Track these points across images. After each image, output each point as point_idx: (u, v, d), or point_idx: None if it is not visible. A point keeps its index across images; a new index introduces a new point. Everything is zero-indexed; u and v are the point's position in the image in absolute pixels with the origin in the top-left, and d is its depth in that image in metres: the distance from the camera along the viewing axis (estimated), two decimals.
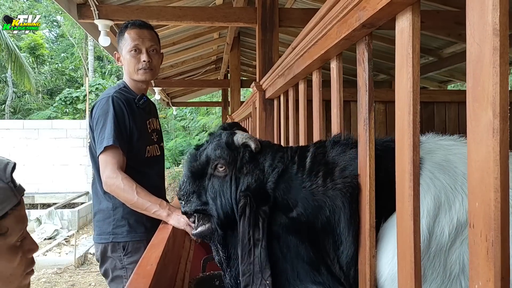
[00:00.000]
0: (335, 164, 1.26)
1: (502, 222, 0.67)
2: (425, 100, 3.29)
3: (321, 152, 1.30)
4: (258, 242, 1.22)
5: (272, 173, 1.28)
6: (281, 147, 1.39)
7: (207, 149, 1.38)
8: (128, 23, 2.27)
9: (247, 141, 1.34)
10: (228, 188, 1.32)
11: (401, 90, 0.98)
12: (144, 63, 2.22)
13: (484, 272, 0.70)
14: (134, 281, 1.06)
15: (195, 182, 1.40)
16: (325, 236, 1.23)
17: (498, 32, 0.67)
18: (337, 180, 1.22)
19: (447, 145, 1.24)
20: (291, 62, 1.92)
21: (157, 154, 2.35)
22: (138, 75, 2.25)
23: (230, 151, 1.34)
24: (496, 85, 0.67)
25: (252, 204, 1.24)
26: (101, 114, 2.10)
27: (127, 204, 2.04)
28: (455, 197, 1.09)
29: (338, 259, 1.23)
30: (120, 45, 2.26)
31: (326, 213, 1.21)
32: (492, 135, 0.67)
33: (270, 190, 1.26)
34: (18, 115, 23.02)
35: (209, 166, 1.37)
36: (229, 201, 1.32)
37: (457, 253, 1.04)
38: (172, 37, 6.48)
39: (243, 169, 1.32)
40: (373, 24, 1.11)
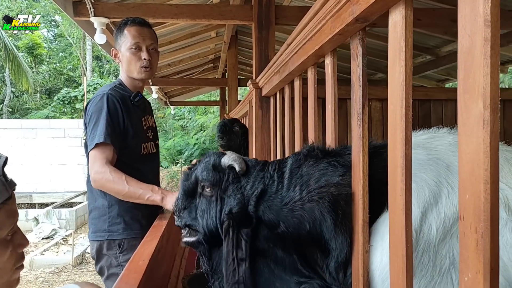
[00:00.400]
0: (310, 176, 1.27)
1: (492, 214, 0.67)
2: (421, 98, 3.30)
3: (296, 166, 1.32)
4: (242, 262, 1.25)
5: (252, 195, 1.31)
6: (264, 166, 1.41)
7: (197, 170, 1.43)
8: (128, 20, 2.26)
9: (233, 164, 1.37)
10: (214, 208, 1.37)
11: (393, 84, 0.98)
12: (144, 61, 2.22)
13: (473, 264, 0.69)
14: (125, 276, 1.05)
15: (187, 199, 1.46)
16: (311, 248, 1.25)
17: (490, 23, 0.66)
18: (313, 192, 1.23)
19: (424, 140, 1.25)
20: (287, 59, 1.92)
21: (153, 152, 2.35)
22: (138, 73, 2.24)
23: (216, 173, 1.39)
24: (487, 76, 0.66)
25: (235, 227, 1.27)
26: (94, 111, 2.09)
27: (119, 195, 2.03)
28: (440, 191, 1.08)
29: (328, 266, 1.24)
30: (119, 41, 2.25)
31: (306, 227, 1.22)
32: (483, 126, 0.67)
33: (251, 212, 1.29)
34: (16, 114, 22.98)
35: (198, 186, 1.42)
36: (214, 221, 1.36)
37: (447, 247, 1.04)
38: (169, 36, 6.46)
39: (227, 190, 1.36)
40: (366, 19, 1.10)
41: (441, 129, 1.30)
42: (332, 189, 1.22)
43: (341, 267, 1.22)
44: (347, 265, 1.23)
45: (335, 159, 1.28)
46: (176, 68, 8.95)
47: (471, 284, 0.71)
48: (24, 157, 12.92)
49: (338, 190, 1.21)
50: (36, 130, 13.17)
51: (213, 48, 8.42)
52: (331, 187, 1.22)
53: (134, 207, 2.16)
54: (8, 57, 16.23)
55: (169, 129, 22.39)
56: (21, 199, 12.21)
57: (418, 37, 5.78)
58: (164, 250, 1.67)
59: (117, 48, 2.27)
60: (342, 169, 1.25)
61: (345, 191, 1.21)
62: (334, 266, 1.23)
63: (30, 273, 7.23)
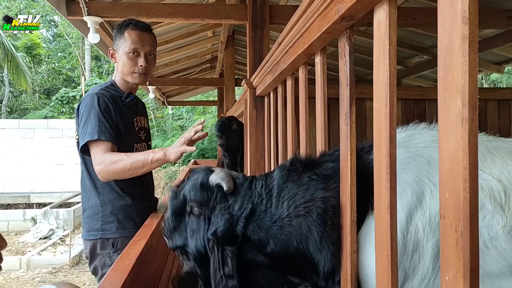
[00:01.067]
0: (295, 191, 1.26)
1: (471, 212, 0.66)
2: (416, 97, 3.29)
3: (282, 182, 1.31)
4: (229, 278, 1.25)
5: (241, 216, 1.30)
6: (251, 183, 1.39)
7: (185, 189, 1.41)
8: (130, 23, 2.24)
9: (220, 183, 1.35)
10: (202, 227, 1.35)
11: (378, 82, 0.97)
12: (140, 68, 2.20)
13: (454, 263, 0.69)
14: (110, 276, 1.05)
15: (177, 218, 1.43)
16: (300, 261, 1.25)
17: (468, 20, 0.66)
18: (299, 207, 1.23)
19: (403, 138, 1.24)
20: (278, 58, 1.91)
21: None
22: (132, 78, 2.23)
23: (204, 192, 1.37)
24: (465, 74, 0.66)
25: (219, 245, 1.27)
26: (85, 110, 2.09)
27: (127, 173, 2.02)
28: (423, 190, 1.08)
29: (318, 274, 1.24)
30: (118, 43, 2.23)
31: (294, 243, 1.22)
32: (461, 124, 0.67)
33: (239, 232, 1.28)
34: (15, 114, 22.96)
35: (187, 205, 1.40)
36: (201, 240, 1.35)
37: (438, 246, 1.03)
38: (166, 35, 6.45)
39: (215, 210, 1.34)
40: (352, 17, 1.10)
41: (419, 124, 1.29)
42: (318, 203, 1.21)
43: (330, 276, 1.23)
44: (334, 273, 1.23)
45: (314, 171, 1.27)
46: (173, 68, 8.94)
47: (451, 283, 0.70)
48: (22, 157, 12.91)
49: (323, 203, 1.21)
50: (34, 130, 13.16)
51: (210, 48, 8.41)
52: (317, 201, 1.22)
53: (127, 205, 2.16)
54: (7, 56, 16.21)
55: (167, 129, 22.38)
56: (19, 199, 12.22)
57: (414, 37, 5.78)
58: (155, 250, 1.66)
59: (115, 48, 2.25)
60: (322, 181, 1.24)
61: (330, 203, 1.21)
62: (322, 276, 1.23)
63: (27, 273, 7.22)
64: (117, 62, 2.26)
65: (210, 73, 10.85)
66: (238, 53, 8.49)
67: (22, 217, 10.21)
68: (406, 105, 3.29)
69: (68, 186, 12.65)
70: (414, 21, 3.66)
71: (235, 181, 1.38)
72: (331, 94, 1.54)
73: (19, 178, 12.77)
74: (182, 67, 9.37)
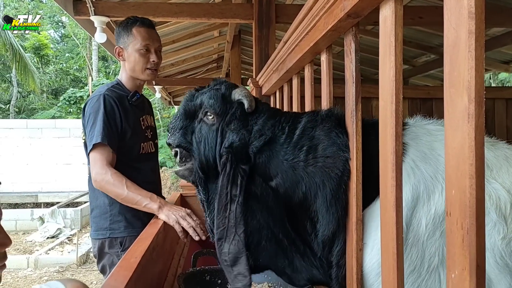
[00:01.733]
0: (320, 140, 1.25)
1: (478, 209, 0.66)
2: (423, 96, 3.28)
3: (310, 126, 1.29)
4: (235, 198, 1.23)
5: (259, 138, 1.29)
6: (277, 113, 1.37)
7: (204, 95, 1.39)
8: (136, 20, 2.24)
9: (242, 99, 1.33)
10: (214, 138, 1.34)
11: (384, 79, 0.97)
12: (153, 63, 2.23)
13: (460, 261, 0.68)
14: (116, 273, 1.05)
15: (186, 120, 1.42)
16: (302, 211, 1.24)
17: (474, 16, 0.65)
18: (319, 158, 1.22)
19: (433, 130, 1.23)
20: (284, 56, 1.91)
21: (152, 151, 2.35)
22: (144, 75, 2.24)
23: (224, 103, 1.35)
24: (471, 70, 0.66)
25: (233, 162, 1.25)
26: (91, 112, 2.09)
27: (118, 199, 2.03)
28: (434, 187, 1.07)
29: (316, 236, 1.22)
30: (126, 40, 2.23)
31: (302, 188, 1.22)
32: (468, 120, 0.66)
33: (251, 153, 1.27)
34: (23, 114, 23.11)
35: (201, 110, 1.38)
36: (212, 151, 1.33)
37: (436, 244, 1.03)
38: (172, 35, 6.46)
39: (231, 124, 1.33)
40: (357, 14, 1.10)
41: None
42: (339, 164, 1.20)
43: (327, 242, 1.21)
44: (334, 241, 1.21)
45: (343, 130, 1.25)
46: (179, 67, 8.95)
47: (457, 281, 0.70)
48: (30, 156, 12.99)
49: (343, 166, 1.20)
50: (41, 130, 13.23)
51: (216, 48, 8.41)
52: (338, 161, 1.20)
53: None
54: (15, 57, 16.32)
55: None
56: (27, 199, 12.29)
57: (421, 36, 5.74)
58: (161, 248, 1.67)
59: (122, 46, 2.25)
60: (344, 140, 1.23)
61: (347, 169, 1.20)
62: (321, 238, 1.21)
63: (35, 272, 7.27)
64: (126, 60, 2.25)
65: (217, 73, 10.86)
66: (244, 53, 8.48)
67: (30, 216, 10.27)
68: (413, 104, 3.28)
69: (75, 185, 12.69)
70: (421, 20, 3.64)
71: (257, 103, 1.37)
72: (337, 93, 1.54)
73: (27, 177, 12.85)
74: (188, 67, 9.38)
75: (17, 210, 10.96)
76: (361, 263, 1.18)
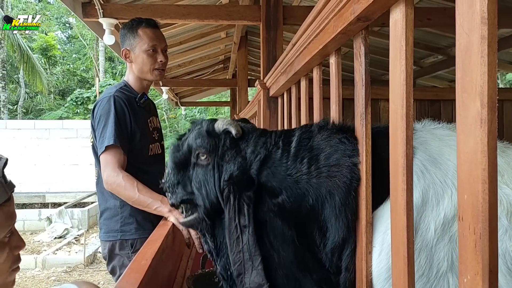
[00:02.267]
0: (321, 150, 1.23)
1: (490, 214, 0.66)
2: (431, 98, 3.26)
3: (306, 137, 1.27)
4: (245, 228, 1.20)
5: (255, 159, 1.25)
6: (265, 131, 1.35)
7: (189, 138, 1.36)
8: (141, 21, 2.25)
9: (228, 127, 1.31)
10: (212, 176, 1.30)
11: (394, 83, 0.97)
12: (160, 64, 2.24)
13: (472, 265, 0.68)
14: (127, 275, 1.06)
15: (179, 172, 1.38)
16: (311, 223, 1.21)
17: (486, 21, 0.65)
18: (322, 168, 1.20)
19: (442, 135, 1.22)
20: (292, 59, 1.91)
21: (159, 153, 2.36)
22: (153, 75, 2.26)
23: (211, 138, 1.31)
24: (484, 75, 0.66)
25: (236, 191, 1.22)
26: (102, 114, 2.10)
27: (129, 201, 2.04)
28: (444, 192, 1.07)
29: (325, 245, 1.21)
30: (132, 42, 2.24)
31: (309, 201, 1.19)
32: (480, 125, 0.66)
33: (254, 176, 1.24)
34: (30, 115, 23.27)
35: (192, 155, 1.34)
36: (213, 190, 1.29)
37: (445, 249, 1.02)
38: (179, 36, 6.49)
39: (225, 156, 1.29)
40: (367, 18, 1.10)
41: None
42: (345, 171, 1.18)
43: (337, 249, 1.20)
44: (343, 248, 1.21)
45: (346, 136, 1.23)
46: (186, 68, 8.99)
47: (470, 286, 0.70)
48: (37, 157, 13.07)
49: (351, 173, 1.18)
50: (49, 131, 13.31)
51: (223, 49, 8.44)
52: (343, 168, 1.18)
53: None
54: (23, 58, 16.45)
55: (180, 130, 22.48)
56: (34, 199, 12.37)
57: (429, 37, 5.73)
58: (170, 250, 1.67)
59: (129, 48, 2.26)
60: (352, 148, 1.20)
61: (356, 175, 1.18)
62: (330, 246, 1.19)
63: (43, 272, 7.31)
64: (133, 62, 2.26)
65: (223, 74, 10.89)
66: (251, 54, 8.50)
67: (37, 216, 10.34)
68: (421, 106, 3.26)
69: (83, 186, 12.76)
70: (429, 21, 3.63)
71: (242, 128, 1.34)
72: (345, 95, 1.54)
73: (35, 178, 12.94)
74: (195, 68, 9.41)
75: (24, 210, 11.02)
76: (371, 266, 1.18)
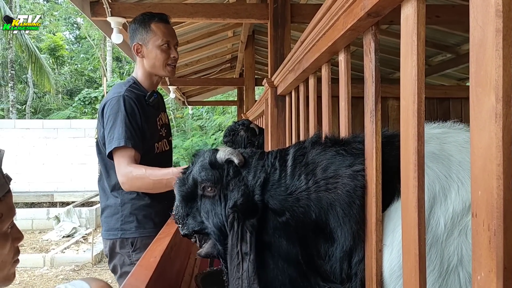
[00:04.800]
0: (316, 164, 1.23)
1: (505, 210, 0.65)
2: (440, 96, 3.24)
3: (300, 154, 1.28)
4: (246, 256, 1.21)
5: (256, 184, 1.27)
6: (262, 154, 1.37)
7: (193, 172, 1.38)
8: (154, 15, 2.24)
9: (230, 157, 1.32)
10: (219, 205, 1.32)
11: (405, 78, 0.96)
12: (173, 59, 2.23)
13: (486, 262, 0.67)
14: (136, 272, 1.06)
15: (187, 205, 1.40)
16: (315, 238, 1.22)
17: (501, 14, 0.64)
18: (320, 182, 1.20)
19: (440, 134, 1.22)
20: (301, 56, 1.90)
21: (166, 149, 2.35)
22: (165, 71, 2.24)
23: (215, 170, 1.33)
24: (499, 68, 0.65)
25: (240, 219, 1.23)
26: (111, 114, 2.08)
27: (150, 190, 2.04)
28: (450, 186, 1.06)
29: (331, 256, 1.21)
30: (145, 37, 2.21)
31: (312, 216, 1.19)
32: (495, 120, 0.65)
33: (258, 201, 1.25)
34: (39, 115, 23.43)
35: (198, 188, 1.37)
36: (221, 219, 1.31)
37: (455, 244, 1.01)
38: (187, 35, 6.50)
39: (229, 185, 1.31)
40: (378, 13, 1.09)
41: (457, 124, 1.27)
42: (346, 180, 1.18)
43: (346, 257, 1.19)
44: (352, 255, 1.20)
45: (343, 147, 1.24)
46: (193, 68, 9.00)
47: (484, 283, 0.69)
48: (45, 156, 13.16)
49: (353, 181, 1.18)
50: (57, 130, 13.39)
51: (230, 48, 8.44)
52: (344, 178, 1.18)
53: (146, 205, 2.17)
54: (31, 58, 16.57)
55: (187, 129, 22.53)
56: (42, 198, 12.46)
57: (438, 35, 5.69)
58: (178, 248, 1.67)
59: (141, 43, 2.22)
60: (350, 158, 1.21)
61: (360, 183, 1.18)
62: (339, 255, 1.20)
63: (51, 271, 7.36)
64: (145, 57, 2.23)
65: (230, 73, 10.89)
66: (258, 53, 8.49)
67: (46, 215, 10.41)
68: (429, 104, 3.25)
69: (90, 185, 12.82)
70: (438, 19, 3.61)
71: (243, 155, 1.35)
72: (353, 93, 1.53)
73: (43, 177, 13.03)
74: (202, 67, 9.42)
75: (33, 210, 11.11)
76: (381, 264, 1.17)
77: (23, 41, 15.99)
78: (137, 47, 2.24)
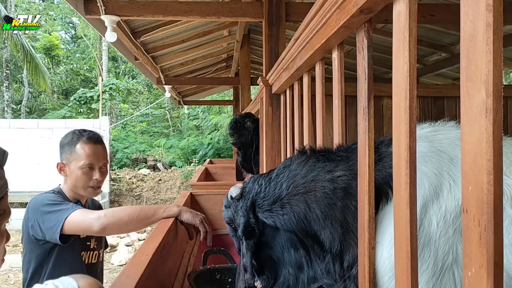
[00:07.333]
0: (297, 172, 1.31)
1: (495, 205, 0.64)
2: (435, 95, 3.24)
3: (283, 166, 1.38)
4: (246, 268, 1.36)
5: (248, 207, 1.39)
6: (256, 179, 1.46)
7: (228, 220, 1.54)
8: (82, 135, 2.11)
9: (231, 193, 1.46)
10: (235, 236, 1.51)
11: (397, 75, 0.95)
12: (95, 181, 2.08)
13: (476, 258, 0.67)
14: (127, 270, 1.05)
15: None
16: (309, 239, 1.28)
17: (492, 8, 0.64)
18: (299, 187, 1.27)
19: (428, 133, 1.22)
20: (295, 54, 1.90)
21: (93, 262, 2.14)
22: (86, 193, 2.10)
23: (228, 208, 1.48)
24: (489, 63, 0.64)
25: (242, 242, 1.40)
26: (42, 207, 1.94)
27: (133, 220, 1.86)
28: (442, 184, 1.05)
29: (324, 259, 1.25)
30: (68, 156, 2.09)
31: (293, 221, 1.26)
32: (485, 115, 0.65)
33: (252, 223, 1.37)
34: (34, 114, 23.34)
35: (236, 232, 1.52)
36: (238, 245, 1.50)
37: (450, 243, 1.01)
38: (182, 35, 6.47)
39: (235, 218, 1.45)
40: (370, 9, 1.08)
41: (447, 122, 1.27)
42: (325, 183, 1.22)
43: (337, 259, 1.22)
44: (343, 257, 1.22)
45: (323, 155, 1.30)
46: (189, 67, 8.97)
47: (474, 279, 0.68)
48: (41, 156, 13.09)
49: (332, 184, 1.22)
50: (52, 130, 13.33)
51: (225, 47, 8.41)
52: (323, 182, 1.23)
53: None
54: (26, 58, 16.49)
55: (183, 129, 22.51)
56: None
57: (432, 34, 5.69)
58: (171, 247, 1.67)
59: (64, 162, 2.11)
60: (331, 164, 1.26)
61: (339, 185, 1.21)
62: (330, 258, 1.22)
63: None
64: (67, 176, 2.11)
65: (226, 72, 10.87)
66: (253, 52, 8.47)
67: None
68: (424, 103, 3.25)
69: None
70: (433, 18, 3.60)
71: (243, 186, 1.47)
72: (347, 92, 1.53)
73: (38, 177, 12.95)
74: (198, 67, 9.39)
75: None
76: (373, 262, 1.17)
77: (18, 41, 15.92)
78: (60, 165, 2.13)
